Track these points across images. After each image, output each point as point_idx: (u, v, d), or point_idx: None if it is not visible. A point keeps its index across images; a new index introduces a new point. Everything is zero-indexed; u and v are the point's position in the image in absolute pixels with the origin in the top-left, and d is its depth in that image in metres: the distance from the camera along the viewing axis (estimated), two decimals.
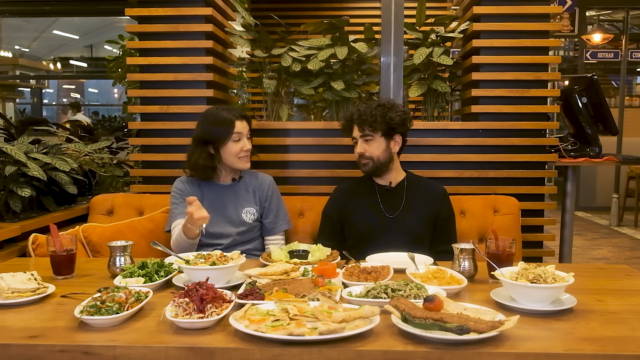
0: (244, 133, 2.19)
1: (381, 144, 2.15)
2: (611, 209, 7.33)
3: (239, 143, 2.17)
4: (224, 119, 2.16)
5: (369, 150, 2.15)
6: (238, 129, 2.17)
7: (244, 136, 2.19)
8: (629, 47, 7.88)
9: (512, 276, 1.47)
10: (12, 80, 11.30)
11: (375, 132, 2.13)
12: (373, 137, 2.14)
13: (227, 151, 2.18)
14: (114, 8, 7.92)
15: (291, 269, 1.68)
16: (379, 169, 2.18)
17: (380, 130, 2.13)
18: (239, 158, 2.19)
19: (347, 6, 4.77)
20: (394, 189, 2.22)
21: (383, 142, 2.15)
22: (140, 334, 1.26)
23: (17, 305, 1.45)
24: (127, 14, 2.71)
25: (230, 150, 2.17)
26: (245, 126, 2.20)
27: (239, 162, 2.20)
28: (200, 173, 2.20)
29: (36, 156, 2.35)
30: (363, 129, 2.14)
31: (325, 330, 1.17)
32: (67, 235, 1.77)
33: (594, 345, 1.19)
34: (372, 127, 2.12)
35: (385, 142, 2.16)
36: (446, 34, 2.82)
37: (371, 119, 2.11)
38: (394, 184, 2.23)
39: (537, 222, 2.74)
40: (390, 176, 2.22)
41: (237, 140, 2.17)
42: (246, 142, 2.20)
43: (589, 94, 2.79)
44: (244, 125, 2.19)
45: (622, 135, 7.54)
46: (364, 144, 2.15)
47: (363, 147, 2.15)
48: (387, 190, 2.22)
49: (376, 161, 2.15)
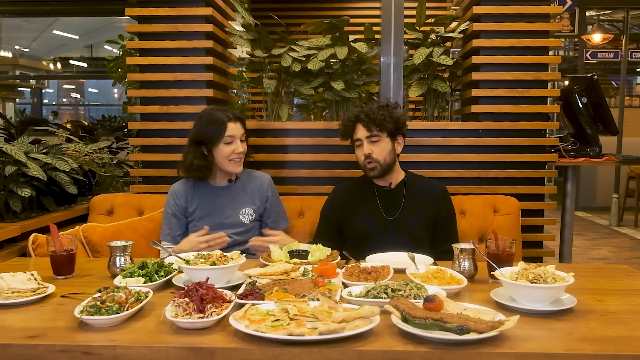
0: (236, 136, 2.15)
1: (387, 145, 2.13)
2: (611, 209, 7.33)
3: (231, 146, 2.14)
4: (216, 120, 2.14)
5: (376, 152, 2.11)
6: (230, 131, 2.13)
7: (236, 139, 2.15)
8: (629, 47, 7.89)
9: (512, 276, 1.47)
10: (12, 80, 11.31)
11: (382, 132, 2.10)
12: (380, 137, 2.11)
13: (219, 153, 2.15)
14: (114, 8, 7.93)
15: (291, 269, 1.68)
16: (385, 172, 2.15)
17: (387, 131, 2.11)
18: (229, 160, 2.16)
19: (347, 6, 4.77)
20: (393, 190, 2.21)
21: (389, 143, 2.13)
22: (140, 334, 1.26)
23: (17, 305, 1.45)
24: (127, 14, 2.71)
25: (221, 152, 2.15)
26: (238, 128, 2.17)
27: (230, 164, 2.17)
28: (196, 173, 2.18)
29: (36, 156, 2.35)
30: (370, 129, 2.10)
31: (325, 330, 1.17)
32: (67, 235, 1.77)
33: (594, 345, 1.19)
34: (380, 126, 2.09)
35: (391, 143, 2.14)
36: (446, 34, 2.82)
37: (380, 117, 2.08)
38: (394, 184, 2.22)
39: (537, 222, 2.74)
40: (391, 177, 2.21)
41: (229, 143, 2.14)
42: (239, 145, 2.16)
43: (589, 94, 2.79)
44: (237, 127, 2.16)
45: (622, 135, 7.54)
46: (371, 145, 2.11)
47: (370, 148, 2.11)
48: (386, 191, 2.21)
49: (383, 164, 2.12)
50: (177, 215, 2.23)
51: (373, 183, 2.23)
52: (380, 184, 2.22)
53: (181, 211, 2.23)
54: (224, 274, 1.61)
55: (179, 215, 2.23)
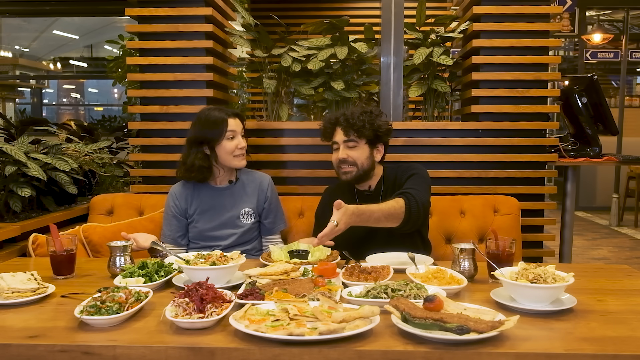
0: (237, 131, 2.18)
1: (364, 152, 2.09)
2: (611, 209, 7.33)
3: (234, 141, 2.16)
4: (216, 118, 2.16)
5: (353, 156, 2.08)
6: (231, 126, 2.16)
7: (238, 134, 2.18)
8: (629, 47, 7.88)
9: (512, 276, 1.47)
10: (12, 80, 11.30)
11: (360, 138, 2.08)
12: (357, 143, 2.08)
13: (222, 149, 2.16)
14: (114, 8, 7.92)
15: (291, 269, 1.68)
16: (361, 178, 2.12)
17: (366, 137, 2.08)
18: (234, 156, 2.17)
19: (347, 6, 4.77)
20: (372, 193, 2.18)
21: (367, 149, 2.10)
22: (140, 334, 1.26)
23: (17, 305, 1.45)
24: (127, 14, 2.71)
25: (225, 148, 2.16)
26: (238, 124, 2.19)
27: (235, 160, 2.18)
28: (197, 174, 2.17)
29: (36, 156, 2.35)
30: (348, 134, 2.07)
31: (325, 330, 1.17)
32: (67, 235, 1.77)
33: (594, 345, 1.19)
34: (358, 132, 2.06)
35: (369, 150, 2.11)
36: (446, 34, 2.82)
37: (359, 124, 2.05)
38: (373, 187, 2.19)
39: (537, 222, 2.74)
40: (370, 181, 2.19)
41: (231, 138, 2.16)
42: (241, 139, 2.19)
43: (589, 94, 2.79)
44: (237, 122, 2.19)
45: (622, 135, 7.54)
46: (347, 150, 2.08)
47: (345, 152, 2.08)
48: (366, 195, 2.18)
49: (360, 169, 2.09)
50: (177, 217, 2.23)
51: (354, 187, 2.21)
52: (360, 188, 2.20)
53: (181, 212, 2.23)
54: (224, 274, 1.61)
55: (179, 216, 2.23)
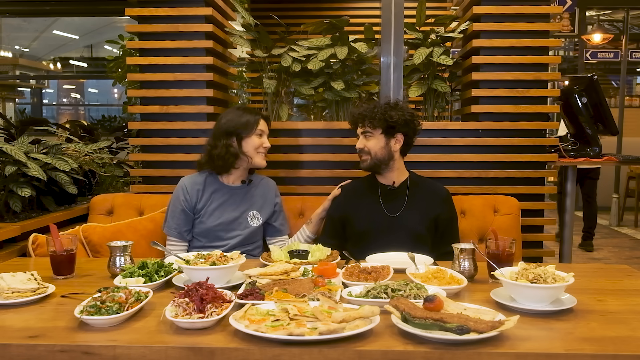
0: (265, 131, 2.27)
1: (380, 141, 2.19)
2: (611, 209, 7.33)
3: (261, 138, 2.25)
4: (251, 111, 2.27)
5: (368, 146, 2.19)
6: (261, 126, 2.25)
7: (265, 134, 2.27)
8: (629, 47, 7.88)
9: (512, 276, 1.47)
10: (12, 80, 11.30)
11: (374, 129, 2.18)
12: (372, 133, 2.19)
13: (250, 144, 2.22)
14: (114, 8, 7.92)
15: (291, 269, 1.68)
16: (377, 166, 2.21)
17: (380, 128, 2.17)
18: (258, 152, 2.24)
19: (347, 6, 4.77)
20: (396, 188, 2.24)
21: (382, 139, 2.19)
22: (140, 334, 1.26)
23: (17, 305, 1.45)
24: (127, 14, 2.71)
25: (252, 143, 2.22)
26: (266, 126, 2.29)
27: (258, 156, 2.25)
28: (222, 163, 2.21)
29: (36, 156, 2.35)
30: (363, 125, 2.21)
31: (325, 330, 1.17)
32: (67, 235, 1.77)
33: (594, 345, 1.19)
34: (371, 123, 2.18)
35: (385, 140, 2.19)
36: (446, 34, 2.82)
37: (371, 115, 2.17)
38: (397, 183, 2.25)
39: (537, 222, 2.74)
40: (393, 176, 2.24)
41: (259, 135, 2.24)
42: (266, 140, 2.27)
43: (589, 94, 2.79)
44: (265, 125, 2.29)
45: (622, 135, 7.54)
46: (364, 140, 2.21)
47: (362, 142, 2.21)
48: (389, 189, 2.24)
49: (374, 157, 2.19)
50: (186, 211, 2.22)
51: (377, 181, 2.26)
52: (383, 182, 2.25)
53: (190, 207, 2.23)
54: (224, 274, 1.61)
55: (187, 211, 2.22)
